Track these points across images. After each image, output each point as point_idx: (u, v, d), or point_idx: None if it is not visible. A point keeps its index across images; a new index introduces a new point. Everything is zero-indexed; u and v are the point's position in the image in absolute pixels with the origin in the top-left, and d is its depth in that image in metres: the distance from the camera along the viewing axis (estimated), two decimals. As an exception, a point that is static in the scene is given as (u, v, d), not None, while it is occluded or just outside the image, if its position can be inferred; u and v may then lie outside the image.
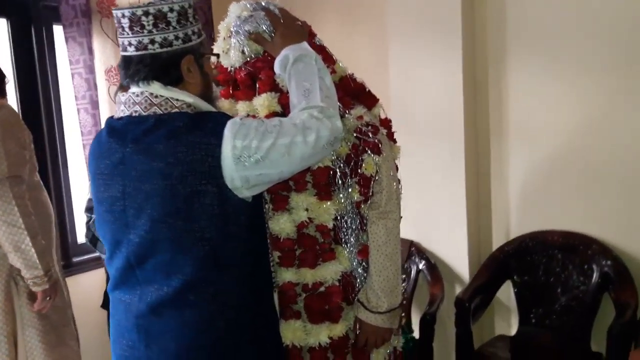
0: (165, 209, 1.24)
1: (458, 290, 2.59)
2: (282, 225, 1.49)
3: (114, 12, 1.31)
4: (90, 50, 2.70)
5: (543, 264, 2.39)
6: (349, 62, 1.65)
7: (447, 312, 2.56)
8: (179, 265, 1.26)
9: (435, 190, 2.62)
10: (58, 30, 2.73)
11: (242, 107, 1.52)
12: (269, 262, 1.47)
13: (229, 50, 1.51)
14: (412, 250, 2.69)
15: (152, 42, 1.26)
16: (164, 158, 1.22)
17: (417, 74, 2.60)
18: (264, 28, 1.47)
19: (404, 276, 2.70)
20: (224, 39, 1.53)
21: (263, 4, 1.51)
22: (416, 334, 2.50)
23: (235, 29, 1.49)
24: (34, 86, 2.68)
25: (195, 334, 1.28)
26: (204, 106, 1.33)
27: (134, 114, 1.29)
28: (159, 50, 1.27)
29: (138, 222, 1.27)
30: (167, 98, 1.28)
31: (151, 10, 1.25)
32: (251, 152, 1.22)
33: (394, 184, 1.59)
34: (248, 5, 1.51)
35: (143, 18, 1.25)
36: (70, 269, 2.78)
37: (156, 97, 1.28)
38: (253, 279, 1.36)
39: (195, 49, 1.31)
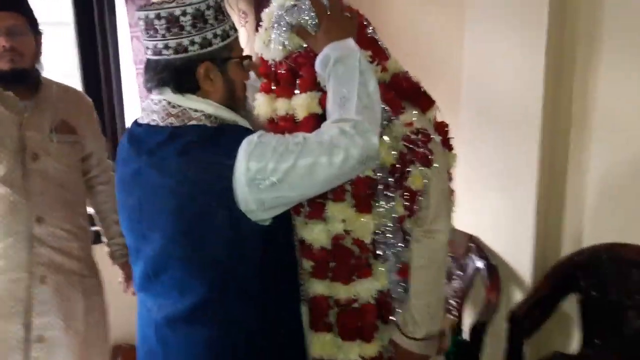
0: (176, 228, 1.17)
1: (517, 295, 2.39)
2: (315, 235, 1.37)
3: (135, 13, 1.22)
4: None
5: (616, 282, 2.14)
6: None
7: (503, 318, 2.38)
8: (191, 284, 1.21)
9: (503, 184, 2.39)
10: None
11: (280, 104, 1.38)
12: (296, 277, 1.37)
13: (270, 42, 1.36)
14: (471, 246, 2.50)
15: (166, 47, 1.16)
16: (174, 175, 1.15)
17: (495, 57, 2.33)
18: (308, 20, 1.30)
19: (457, 284, 2.56)
20: (266, 29, 1.38)
21: None
22: (466, 336, 2.34)
23: (276, 19, 1.34)
24: (94, 50, 2.66)
25: (206, 354, 1.23)
26: (227, 116, 1.22)
27: (151, 123, 1.22)
28: (173, 56, 1.17)
29: (152, 237, 1.22)
30: (184, 108, 1.19)
31: (162, 13, 1.14)
32: (266, 174, 1.11)
33: (445, 199, 1.43)
34: None
35: (156, 21, 1.15)
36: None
37: (173, 106, 1.20)
38: (273, 301, 1.27)
39: (216, 54, 1.19)
